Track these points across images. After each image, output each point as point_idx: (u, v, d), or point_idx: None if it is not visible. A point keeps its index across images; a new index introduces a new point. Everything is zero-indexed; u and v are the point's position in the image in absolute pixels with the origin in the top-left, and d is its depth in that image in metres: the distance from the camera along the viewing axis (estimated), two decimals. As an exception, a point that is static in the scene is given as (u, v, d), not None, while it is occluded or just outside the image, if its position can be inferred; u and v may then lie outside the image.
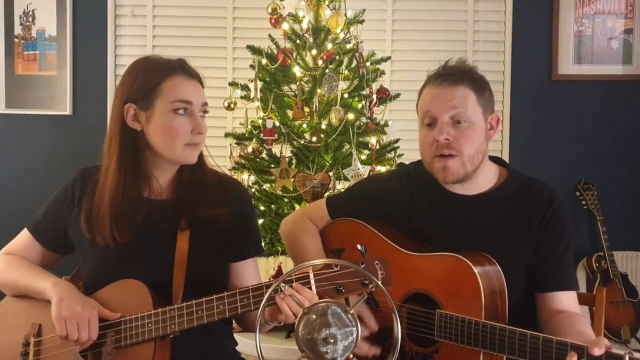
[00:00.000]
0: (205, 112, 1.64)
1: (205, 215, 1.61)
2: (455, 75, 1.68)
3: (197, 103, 1.60)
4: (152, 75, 1.59)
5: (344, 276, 1.35)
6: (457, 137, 1.64)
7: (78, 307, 1.50)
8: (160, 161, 1.62)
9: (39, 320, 1.58)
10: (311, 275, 1.35)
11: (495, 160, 1.79)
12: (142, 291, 1.51)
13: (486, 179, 1.74)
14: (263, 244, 2.62)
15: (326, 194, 2.58)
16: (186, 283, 1.56)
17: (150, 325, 1.47)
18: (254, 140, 2.74)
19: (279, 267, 2.52)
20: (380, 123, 2.82)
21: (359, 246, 1.28)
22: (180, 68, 1.61)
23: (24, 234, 1.71)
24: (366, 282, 1.32)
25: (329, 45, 2.75)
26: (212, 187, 1.67)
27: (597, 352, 1.31)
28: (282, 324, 1.44)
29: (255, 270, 1.74)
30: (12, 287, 1.66)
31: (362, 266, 1.34)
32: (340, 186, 2.65)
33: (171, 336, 1.48)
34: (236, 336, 1.79)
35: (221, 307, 1.45)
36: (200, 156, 1.67)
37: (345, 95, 2.73)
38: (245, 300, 1.43)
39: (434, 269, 1.63)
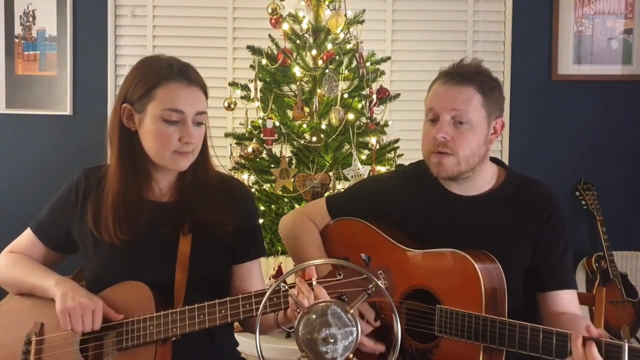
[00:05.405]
0: (200, 122, 1.58)
1: (208, 221, 1.61)
2: (464, 75, 1.67)
3: (189, 112, 1.55)
4: (149, 78, 1.55)
5: (347, 285, 1.34)
6: (455, 137, 1.65)
7: (82, 299, 1.50)
8: (157, 164, 1.60)
9: (42, 319, 1.58)
10: (314, 282, 1.34)
11: (494, 160, 1.79)
12: (145, 293, 1.52)
13: (485, 180, 1.74)
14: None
15: (326, 194, 2.58)
16: (188, 286, 1.57)
17: (152, 328, 1.48)
18: (254, 140, 2.74)
19: (279, 267, 2.52)
20: (380, 123, 2.81)
21: (363, 255, 1.28)
22: (180, 73, 1.56)
23: (28, 233, 1.71)
24: (369, 291, 1.31)
25: (329, 46, 2.75)
26: (215, 190, 1.65)
27: (594, 330, 1.35)
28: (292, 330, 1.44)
29: (258, 272, 1.74)
30: (17, 286, 1.66)
31: (365, 276, 1.32)
32: (340, 186, 2.65)
33: (172, 339, 1.48)
34: (236, 336, 1.79)
35: (223, 312, 1.45)
36: (205, 158, 1.65)
37: (345, 95, 2.73)
38: (247, 305, 1.44)
39: (435, 265, 1.63)
